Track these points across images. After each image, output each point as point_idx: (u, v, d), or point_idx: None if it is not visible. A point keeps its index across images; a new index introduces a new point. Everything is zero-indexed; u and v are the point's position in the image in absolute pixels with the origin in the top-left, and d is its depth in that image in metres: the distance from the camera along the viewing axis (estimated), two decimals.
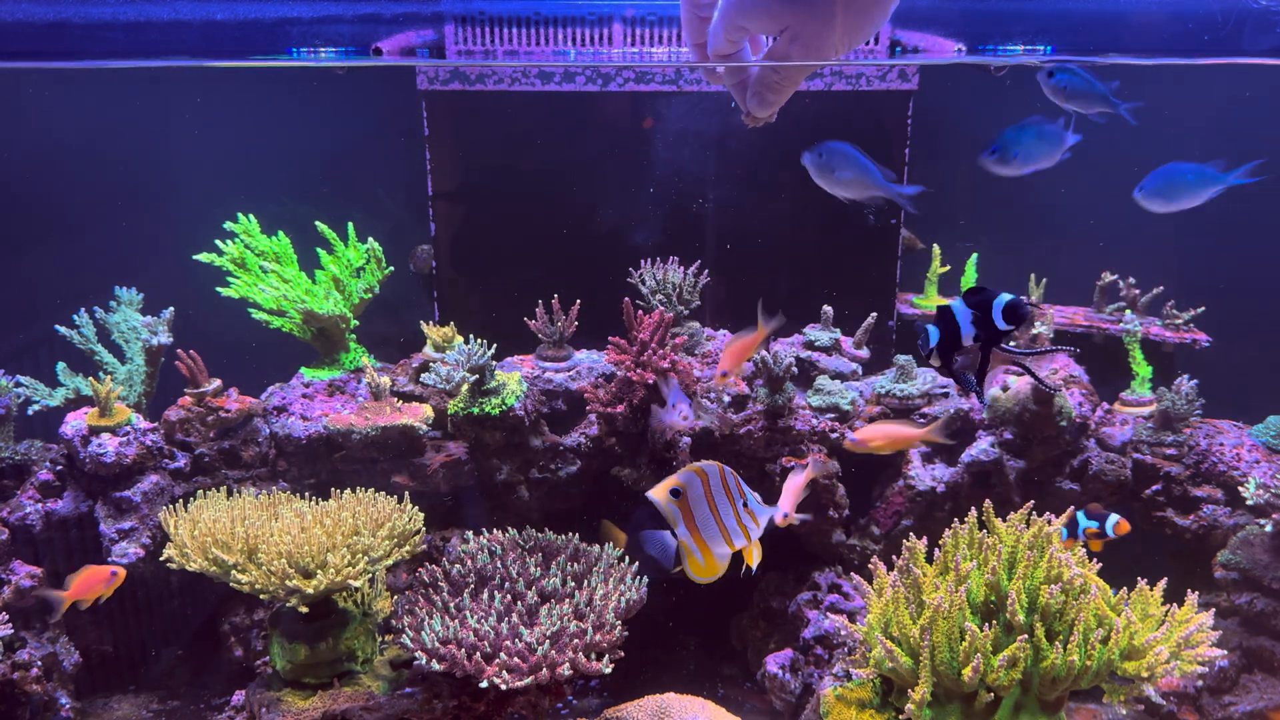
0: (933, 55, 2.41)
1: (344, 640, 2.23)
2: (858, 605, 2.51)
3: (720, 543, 1.44)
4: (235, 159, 3.26)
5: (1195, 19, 1.77)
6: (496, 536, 2.42)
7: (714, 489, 1.44)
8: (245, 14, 1.85)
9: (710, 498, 1.44)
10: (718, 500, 1.45)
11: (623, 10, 2.67)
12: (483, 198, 3.08)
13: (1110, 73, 3.14)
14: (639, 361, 2.56)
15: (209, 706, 2.65)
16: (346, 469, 2.69)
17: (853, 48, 0.87)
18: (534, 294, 2.86)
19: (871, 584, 2.03)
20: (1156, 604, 1.92)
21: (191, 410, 2.67)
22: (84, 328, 2.79)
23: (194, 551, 2.13)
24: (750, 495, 1.51)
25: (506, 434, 2.69)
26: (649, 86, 2.90)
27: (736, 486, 1.46)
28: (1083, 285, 3.17)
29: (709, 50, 0.94)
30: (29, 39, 1.81)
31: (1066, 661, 1.76)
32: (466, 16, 2.69)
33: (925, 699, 1.78)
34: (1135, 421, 2.75)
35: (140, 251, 3.26)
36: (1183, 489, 2.66)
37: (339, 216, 2.91)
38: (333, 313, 2.84)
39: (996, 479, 2.66)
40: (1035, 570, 1.88)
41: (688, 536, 1.43)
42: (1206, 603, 2.47)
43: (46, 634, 2.53)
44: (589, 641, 2.07)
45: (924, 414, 2.74)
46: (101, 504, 2.54)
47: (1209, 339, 2.96)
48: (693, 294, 2.90)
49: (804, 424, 2.67)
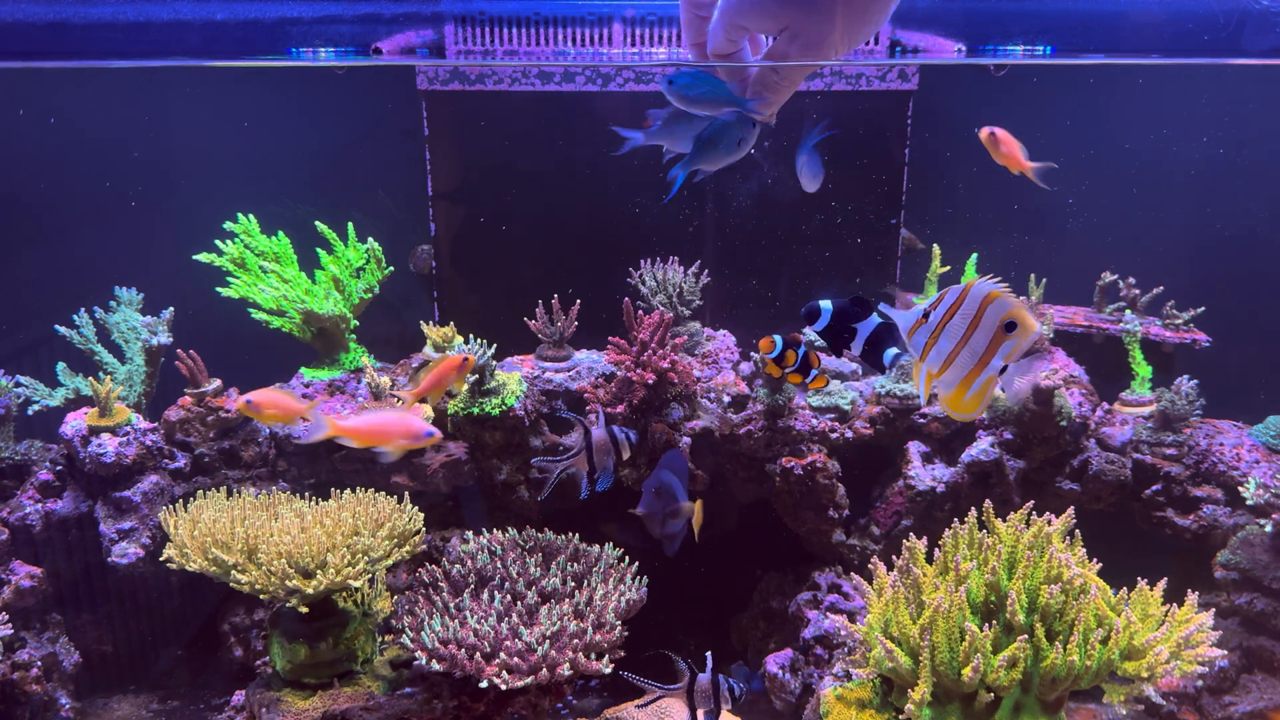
0: (933, 55, 2.41)
1: (344, 640, 2.23)
2: (858, 605, 2.51)
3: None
4: (235, 159, 3.26)
5: (1195, 19, 1.77)
6: (496, 536, 2.42)
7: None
8: (245, 14, 1.84)
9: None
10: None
11: (623, 10, 2.67)
12: (483, 198, 3.07)
13: (1111, 73, 3.15)
14: (639, 361, 2.56)
15: (209, 706, 2.65)
16: (346, 469, 2.69)
17: (852, 48, 0.87)
18: (534, 294, 2.86)
19: (871, 584, 2.03)
20: (1156, 604, 1.92)
21: (191, 410, 2.67)
22: (84, 328, 2.79)
23: (194, 551, 2.13)
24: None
25: (506, 434, 2.69)
26: (649, 86, 2.90)
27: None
28: (1083, 285, 3.17)
29: (708, 50, 0.93)
30: (29, 39, 1.81)
31: (1066, 661, 1.76)
32: (466, 16, 2.69)
33: (925, 699, 1.78)
34: (1135, 421, 2.75)
35: (140, 251, 3.26)
36: (1183, 489, 2.66)
37: (339, 216, 2.91)
38: (333, 313, 2.84)
39: (996, 479, 2.66)
40: (1035, 570, 1.88)
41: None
42: (1206, 603, 2.47)
43: (47, 634, 2.53)
44: (589, 641, 2.07)
45: (924, 414, 2.74)
46: (101, 504, 2.54)
47: (1209, 339, 2.95)
48: (693, 294, 2.90)
49: (804, 424, 2.67)
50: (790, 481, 2.64)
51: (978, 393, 1.20)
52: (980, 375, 1.17)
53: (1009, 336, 1.14)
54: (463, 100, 2.95)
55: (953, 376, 1.20)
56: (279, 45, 1.91)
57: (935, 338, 1.20)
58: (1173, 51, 2.03)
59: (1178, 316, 3.01)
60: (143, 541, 2.51)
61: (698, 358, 2.88)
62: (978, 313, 1.16)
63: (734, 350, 2.97)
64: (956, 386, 1.20)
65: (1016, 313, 1.14)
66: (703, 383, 2.75)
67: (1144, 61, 2.85)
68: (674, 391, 2.65)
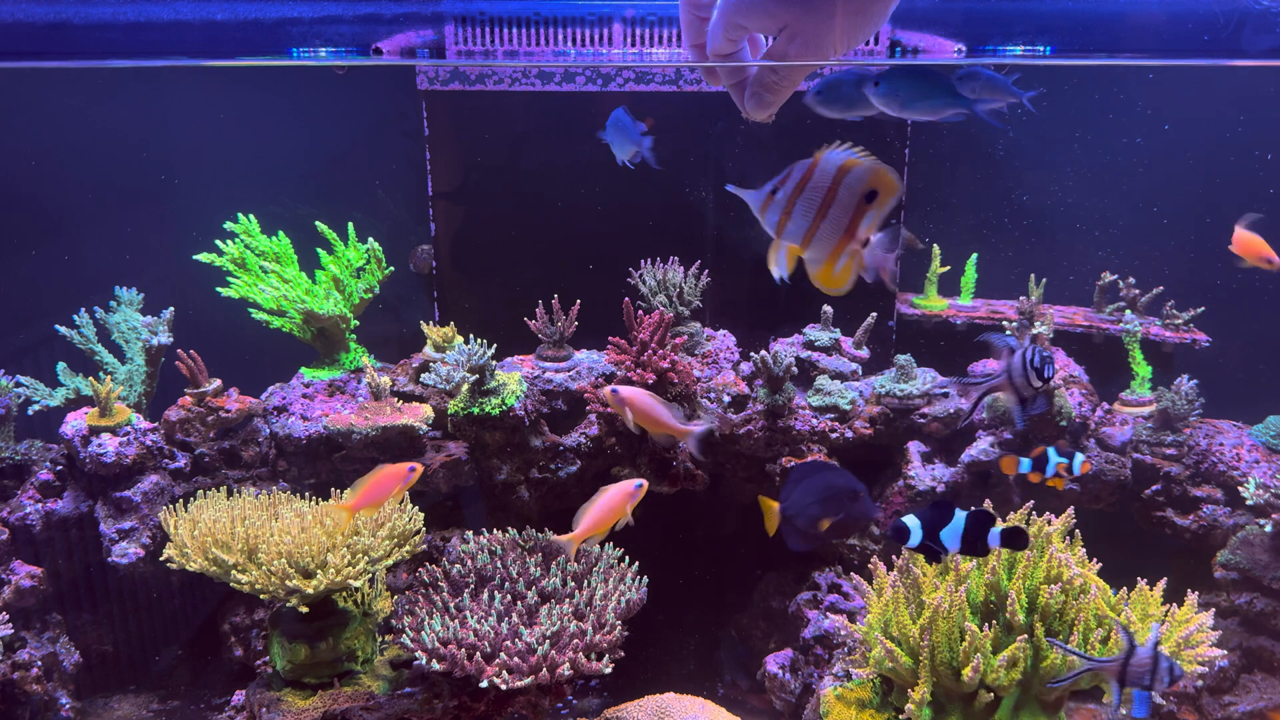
0: (933, 55, 2.41)
1: (344, 640, 2.23)
2: (858, 605, 2.51)
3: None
4: (235, 159, 3.26)
5: (1195, 19, 1.76)
6: (496, 536, 2.43)
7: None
8: (245, 14, 1.84)
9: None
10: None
11: (623, 10, 2.67)
12: (483, 198, 3.08)
13: (1111, 72, 3.14)
14: (639, 361, 2.56)
15: (209, 706, 2.65)
16: (346, 469, 2.69)
17: (852, 48, 0.87)
18: (534, 294, 2.86)
19: (871, 584, 2.03)
20: (1156, 604, 1.92)
21: (192, 410, 2.68)
22: (84, 328, 2.79)
23: (194, 551, 2.13)
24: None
25: (506, 434, 2.69)
26: (649, 86, 2.90)
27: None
28: (1083, 285, 3.17)
29: (708, 50, 0.93)
30: (29, 39, 1.81)
31: (1066, 661, 1.76)
32: (466, 16, 2.69)
33: (925, 699, 1.78)
34: (1135, 421, 2.75)
35: (140, 251, 3.26)
36: (1183, 489, 2.66)
37: (339, 216, 2.91)
38: (333, 313, 2.84)
39: (996, 479, 2.66)
40: (1035, 570, 1.88)
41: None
42: (1206, 603, 2.47)
43: (47, 634, 2.53)
44: (589, 642, 2.07)
45: (924, 414, 2.74)
46: (101, 504, 2.54)
47: (1209, 339, 2.95)
48: (694, 294, 2.90)
49: (804, 424, 2.67)
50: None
51: (846, 265, 1.14)
52: (846, 248, 1.12)
53: (870, 207, 1.07)
54: (463, 100, 2.95)
55: (817, 253, 1.13)
56: (279, 45, 1.90)
57: (788, 214, 1.14)
58: (1173, 52, 2.02)
59: (1178, 316, 3.01)
60: (143, 541, 2.51)
61: (698, 358, 2.88)
62: (832, 184, 1.08)
63: (734, 350, 2.97)
64: (825, 262, 1.13)
65: (877, 179, 1.06)
66: (703, 383, 2.75)
67: (1144, 62, 2.85)
68: (674, 391, 2.65)
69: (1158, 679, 1.65)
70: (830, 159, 1.08)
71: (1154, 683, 1.65)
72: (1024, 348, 1.87)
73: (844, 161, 1.07)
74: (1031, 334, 2.88)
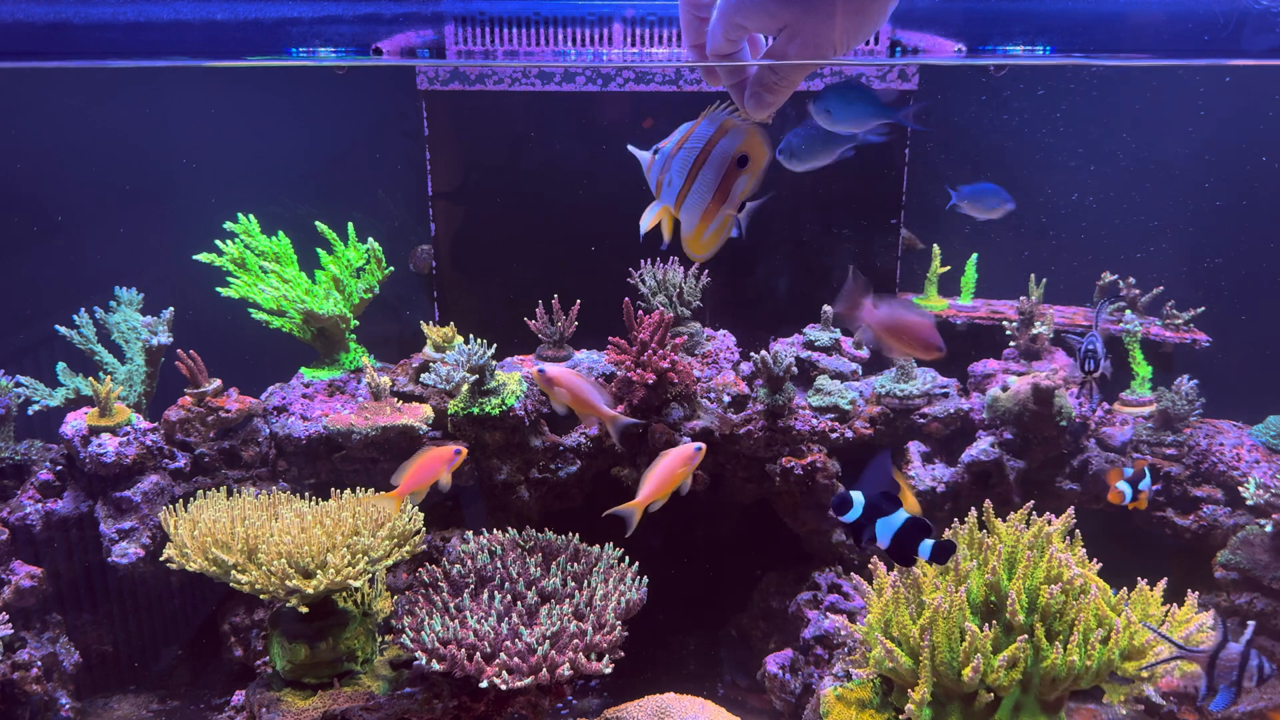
0: (933, 55, 2.41)
1: (344, 640, 2.23)
2: (858, 605, 2.51)
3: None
4: (235, 159, 3.26)
5: (1195, 19, 1.77)
6: (496, 536, 2.42)
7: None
8: (245, 14, 1.84)
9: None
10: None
11: (623, 10, 2.67)
12: (483, 198, 3.07)
13: (1111, 72, 3.15)
14: (639, 361, 2.56)
15: (209, 706, 2.65)
16: (346, 469, 2.69)
17: (852, 47, 0.87)
18: (534, 294, 2.86)
19: (871, 584, 2.03)
20: (1156, 604, 1.92)
21: (191, 410, 2.67)
22: (84, 328, 2.79)
23: (194, 551, 2.13)
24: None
25: (506, 434, 2.69)
26: (649, 86, 2.90)
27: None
28: (1083, 285, 3.17)
29: (707, 50, 0.93)
30: (29, 39, 1.81)
31: (1066, 661, 1.76)
32: (466, 16, 2.69)
33: (925, 699, 1.78)
34: (1135, 421, 2.75)
35: (140, 251, 3.26)
36: (1183, 489, 2.66)
37: (339, 216, 2.91)
38: (333, 313, 2.84)
39: (996, 479, 2.66)
40: (1035, 570, 1.88)
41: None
42: (1206, 603, 2.47)
43: (47, 634, 2.53)
44: (589, 642, 2.07)
45: (924, 414, 2.74)
46: (101, 504, 2.54)
47: (1209, 339, 2.95)
48: (694, 294, 2.90)
49: (804, 424, 2.67)
50: (790, 481, 2.64)
51: (715, 231, 1.09)
52: (717, 214, 1.07)
53: (743, 172, 1.03)
54: (463, 100, 2.95)
55: (689, 217, 1.09)
56: (279, 45, 1.90)
57: (664, 171, 1.08)
58: (1173, 52, 2.02)
59: (1178, 316, 3.01)
60: (143, 541, 2.51)
61: (698, 358, 2.88)
62: (706, 146, 1.03)
63: (734, 350, 2.97)
64: (695, 227, 1.09)
65: (747, 144, 1.02)
66: (703, 383, 2.75)
67: (1144, 62, 2.85)
68: (674, 391, 2.65)
69: (1246, 674, 1.63)
70: (709, 121, 1.03)
71: (1242, 678, 1.64)
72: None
73: (721, 123, 1.03)
74: (1031, 334, 2.88)
